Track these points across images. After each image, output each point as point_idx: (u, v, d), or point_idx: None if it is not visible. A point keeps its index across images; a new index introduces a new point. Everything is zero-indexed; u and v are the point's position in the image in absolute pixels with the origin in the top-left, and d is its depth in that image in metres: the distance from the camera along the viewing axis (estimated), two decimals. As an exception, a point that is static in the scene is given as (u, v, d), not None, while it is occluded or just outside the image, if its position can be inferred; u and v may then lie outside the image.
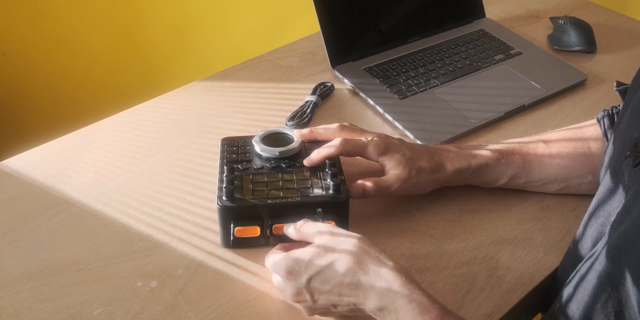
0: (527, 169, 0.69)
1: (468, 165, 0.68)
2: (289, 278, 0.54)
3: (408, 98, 0.86)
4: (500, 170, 0.69)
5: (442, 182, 0.68)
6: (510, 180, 0.69)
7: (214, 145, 0.76)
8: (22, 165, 0.75)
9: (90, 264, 0.62)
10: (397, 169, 0.66)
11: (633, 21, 1.07)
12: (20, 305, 0.58)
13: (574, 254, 0.58)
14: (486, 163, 0.68)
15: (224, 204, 0.60)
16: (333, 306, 0.54)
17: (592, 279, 0.50)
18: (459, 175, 0.68)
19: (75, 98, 1.93)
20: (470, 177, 0.69)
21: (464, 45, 0.96)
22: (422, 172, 0.66)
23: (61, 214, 0.68)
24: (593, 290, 0.50)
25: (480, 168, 0.68)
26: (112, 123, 0.82)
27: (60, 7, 1.74)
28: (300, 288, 0.54)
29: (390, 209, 0.69)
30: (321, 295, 0.53)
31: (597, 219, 0.56)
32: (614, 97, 0.87)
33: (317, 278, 0.53)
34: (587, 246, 0.56)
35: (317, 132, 0.69)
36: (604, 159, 0.62)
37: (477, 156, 0.69)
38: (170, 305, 0.58)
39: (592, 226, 0.56)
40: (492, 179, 0.69)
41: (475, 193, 0.71)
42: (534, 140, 0.71)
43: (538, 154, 0.69)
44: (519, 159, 0.69)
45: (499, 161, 0.68)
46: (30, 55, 1.84)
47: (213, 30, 1.72)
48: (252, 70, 0.93)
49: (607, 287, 0.48)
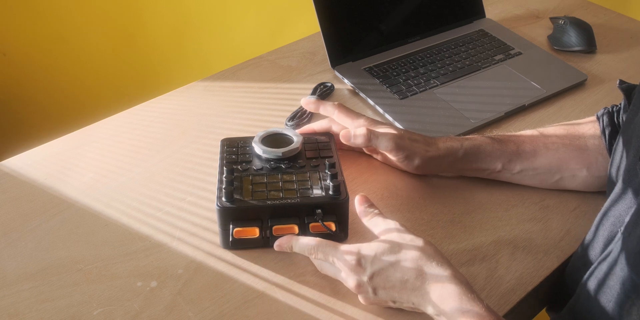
0: (522, 157, 0.69)
1: (460, 145, 0.68)
2: (353, 271, 0.55)
3: (408, 98, 0.86)
4: (493, 155, 0.69)
5: (434, 159, 0.68)
6: (504, 167, 0.69)
7: (214, 145, 0.76)
8: (22, 165, 0.75)
9: (90, 264, 0.62)
10: (390, 130, 0.67)
11: (633, 21, 1.07)
12: (20, 305, 0.58)
13: (585, 255, 0.58)
14: (479, 145, 0.69)
15: (223, 205, 0.60)
16: (392, 301, 0.56)
17: (614, 285, 0.50)
18: (451, 155, 0.68)
19: (76, 98, 1.93)
20: (463, 159, 0.69)
21: (464, 46, 0.96)
22: (413, 140, 0.68)
23: (61, 214, 0.68)
24: (617, 296, 0.50)
25: (473, 149, 0.68)
26: (112, 123, 0.82)
27: (61, 7, 1.74)
28: (362, 282, 0.55)
29: (390, 209, 0.69)
30: (382, 291, 0.55)
31: (608, 219, 0.55)
32: (614, 97, 0.87)
33: (381, 275, 0.54)
34: (599, 247, 0.56)
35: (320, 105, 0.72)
36: (612, 158, 0.62)
37: (470, 139, 0.70)
38: (170, 305, 0.58)
39: (604, 227, 0.56)
40: (486, 164, 0.69)
41: (476, 193, 0.71)
42: (531, 131, 0.72)
43: (533, 143, 0.69)
44: (514, 146, 0.69)
45: (492, 145, 0.69)
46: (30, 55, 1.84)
47: (213, 30, 1.72)
48: (252, 70, 0.93)
49: (631, 294, 0.48)
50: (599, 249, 0.56)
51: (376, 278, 0.55)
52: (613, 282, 0.50)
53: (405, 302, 0.55)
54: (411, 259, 0.54)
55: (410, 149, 0.67)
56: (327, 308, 0.58)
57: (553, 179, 0.70)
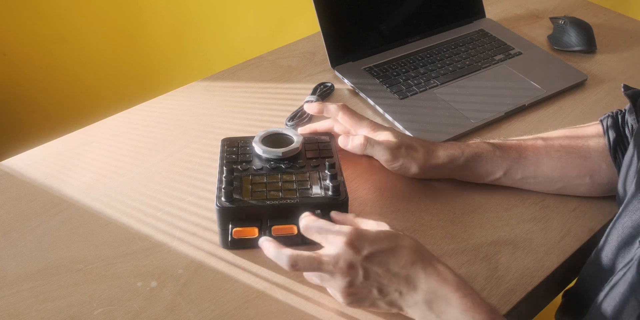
0: (523, 164, 0.68)
1: (461, 152, 0.68)
2: (349, 248, 0.53)
3: (408, 98, 0.86)
4: (495, 163, 0.68)
5: (433, 167, 0.68)
6: (505, 174, 0.69)
7: (214, 145, 0.76)
8: (22, 165, 0.75)
9: (90, 264, 0.62)
10: (389, 138, 0.67)
11: (633, 21, 1.07)
12: (20, 305, 0.58)
13: (599, 263, 0.58)
14: (480, 153, 0.68)
15: (222, 204, 0.60)
16: (378, 290, 0.54)
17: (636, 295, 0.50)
18: (452, 163, 0.68)
19: (76, 98, 1.93)
20: (464, 166, 0.68)
21: (464, 45, 0.96)
22: (412, 149, 0.67)
23: (61, 214, 0.68)
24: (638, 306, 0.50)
25: (475, 157, 0.68)
26: (112, 123, 0.82)
27: (61, 7, 1.74)
28: (356, 262, 0.53)
29: (390, 209, 0.69)
30: (373, 275, 0.53)
31: (624, 228, 0.55)
32: (614, 97, 0.87)
33: (377, 256, 0.53)
34: (613, 255, 0.56)
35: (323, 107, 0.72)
36: (621, 169, 0.61)
37: (472, 145, 0.69)
38: (170, 305, 0.58)
39: (618, 235, 0.55)
40: (487, 172, 0.69)
41: (476, 193, 0.71)
42: (533, 137, 0.71)
43: (535, 150, 0.69)
44: (515, 153, 0.69)
45: (494, 153, 0.68)
46: (30, 55, 1.84)
47: (213, 30, 1.72)
48: (252, 70, 0.93)
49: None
50: (614, 258, 0.55)
51: (372, 259, 0.53)
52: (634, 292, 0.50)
53: (392, 292, 0.53)
54: (409, 247, 0.54)
55: (406, 158, 0.67)
56: (327, 308, 0.58)
57: (555, 187, 0.69)
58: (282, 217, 0.61)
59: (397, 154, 0.66)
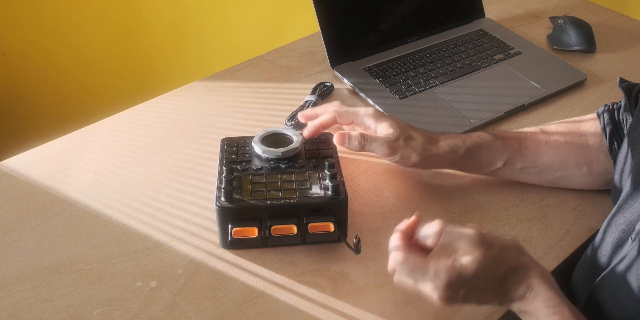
0: (523, 154, 0.69)
1: (462, 142, 0.68)
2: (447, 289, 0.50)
3: (408, 98, 0.86)
4: (495, 152, 0.68)
5: (434, 156, 0.67)
6: (506, 164, 0.69)
7: (214, 145, 0.76)
8: (22, 165, 0.75)
9: (90, 264, 0.62)
10: (388, 130, 0.67)
11: (633, 21, 1.07)
12: (20, 305, 0.58)
13: (593, 260, 0.58)
14: (481, 142, 0.68)
15: (222, 204, 0.60)
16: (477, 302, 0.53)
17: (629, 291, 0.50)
18: (453, 153, 0.67)
19: (75, 98, 1.93)
20: (465, 156, 0.68)
21: (463, 45, 0.96)
22: (410, 139, 0.67)
23: (61, 214, 0.68)
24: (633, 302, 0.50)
25: (476, 147, 0.68)
26: (112, 123, 0.82)
27: (60, 7, 1.74)
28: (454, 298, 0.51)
29: (390, 209, 0.69)
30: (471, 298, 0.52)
31: (618, 225, 0.55)
32: (613, 97, 0.87)
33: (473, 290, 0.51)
34: (608, 253, 0.56)
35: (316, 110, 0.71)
36: (616, 164, 0.62)
37: (473, 136, 0.69)
38: (170, 305, 0.58)
39: (612, 233, 0.56)
40: (488, 162, 0.69)
41: (475, 193, 0.71)
42: (532, 128, 0.72)
43: (535, 140, 0.69)
44: (516, 143, 0.69)
45: (494, 142, 0.68)
46: (30, 55, 1.84)
47: (213, 30, 1.72)
48: (252, 70, 0.93)
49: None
50: (608, 255, 0.56)
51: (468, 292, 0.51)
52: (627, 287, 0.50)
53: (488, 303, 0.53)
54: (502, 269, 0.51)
55: (405, 149, 0.67)
56: (327, 308, 0.58)
57: (554, 176, 0.70)
58: (281, 217, 0.61)
59: (395, 147, 0.66)
